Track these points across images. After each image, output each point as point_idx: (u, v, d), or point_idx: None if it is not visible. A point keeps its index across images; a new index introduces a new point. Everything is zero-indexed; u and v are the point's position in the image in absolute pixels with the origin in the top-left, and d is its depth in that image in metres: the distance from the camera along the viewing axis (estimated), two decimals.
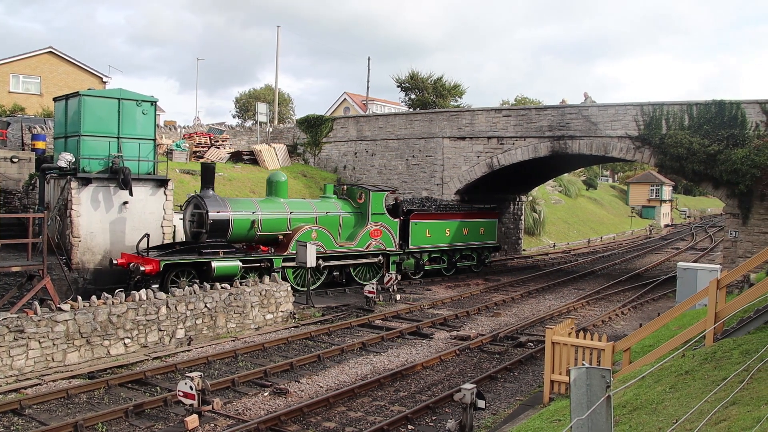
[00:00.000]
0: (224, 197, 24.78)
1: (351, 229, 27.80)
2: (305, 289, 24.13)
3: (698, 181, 30.27)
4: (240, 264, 22.95)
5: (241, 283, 20.09)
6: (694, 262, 37.30)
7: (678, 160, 29.10)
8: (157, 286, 18.80)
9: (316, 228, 25.84)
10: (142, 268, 20.83)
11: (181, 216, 24.58)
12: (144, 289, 17.57)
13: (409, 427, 12.19)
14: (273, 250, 25.18)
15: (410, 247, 29.61)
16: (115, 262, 21.94)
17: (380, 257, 28.30)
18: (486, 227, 33.58)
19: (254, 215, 24.35)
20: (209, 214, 22.95)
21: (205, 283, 19.43)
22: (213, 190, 24.04)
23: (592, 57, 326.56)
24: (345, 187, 29.54)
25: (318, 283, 26.25)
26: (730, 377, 8.44)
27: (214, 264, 22.17)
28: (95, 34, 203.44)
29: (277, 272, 23.77)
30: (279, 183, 26.46)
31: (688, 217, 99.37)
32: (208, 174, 24.19)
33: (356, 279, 27.68)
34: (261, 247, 25.36)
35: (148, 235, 22.15)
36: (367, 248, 27.73)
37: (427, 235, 30.30)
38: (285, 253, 24.79)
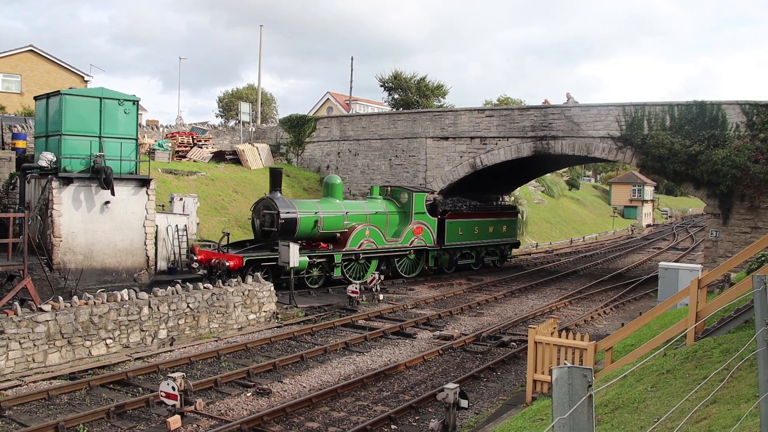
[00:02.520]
0: (290, 199, 27.30)
1: (396, 227, 30.13)
2: (357, 281, 25.58)
3: (679, 182, 30.49)
4: (307, 259, 25.21)
5: (223, 283, 20.04)
6: (676, 261, 37.58)
7: (659, 160, 29.30)
8: (236, 279, 20.75)
9: (368, 226, 28.23)
10: (227, 264, 22.79)
11: (250, 217, 26.82)
12: (126, 290, 17.49)
13: (393, 426, 12.19)
14: (332, 247, 27.28)
15: (446, 244, 31.88)
16: (195, 258, 24.19)
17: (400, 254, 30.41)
18: (507, 225, 36.05)
19: (316, 214, 26.57)
20: (281, 214, 25.08)
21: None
22: (281, 192, 26.35)
23: (574, 58, 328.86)
24: (389, 188, 31.92)
25: (368, 276, 27.83)
26: (711, 376, 8.50)
27: None
28: (78, 33, 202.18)
29: (337, 267, 26.80)
30: (335, 185, 28.66)
31: (670, 217, 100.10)
32: (276, 177, 26.47)
33: (400, 272, 30.00)
34: (321, 244, 27.28)
35: (228, 234, 24.51)
36: (410, 245, 30.08)
37: (459, 233, 32.73)
38: (344, 249, 27.20)
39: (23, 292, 18.48)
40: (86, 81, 44.26)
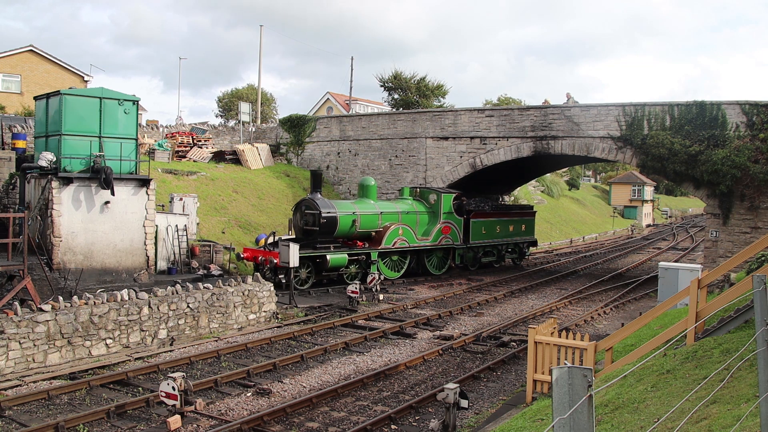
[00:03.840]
0: (329, 199, 28.81)
1: (425, 227, 31.46)
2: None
3: (679, 182, 30.48)
4: (347, 256, 26.88)
5: (223, 283, 20.05)
6: (676, 261, 37.58)
7: (659, 160, 29.30)
8: (282, 276, 23.62)
9: (401, 226, 29.59)
10: (274, 261, 24.25)
11: (290, 216, 28.22)
12: (126, 290, 17.49)
13: (393, 426, 12.19)
14: (367, 245, 28.61)
15: (470, 242, 33.40)
16: (242, 256, 25.73)
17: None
18: (526, 224, 37.42)
19: (354, 214, 27.95)
20: (322, 213, 26.51)
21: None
22: (321, 193, 27.83)
23: (574, 58, 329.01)
24: (418, 189, 33.23)
25: (401, 272, 30.20)
26: (711, 376, 8.50)
27: (328, 257, 26.04)
28: (78, 33, 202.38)
29: (374, 264, 28.19)
30: (369, 186, 30.25)
31: (670, 217, 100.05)
32: (316, 179, 28.19)
33: (429, 269, 31.58)
34: (357, 242, 28.58)
35: (275, 233, 26.48)
36: (439, 243, 31.55)
37: (483, 232, 34.24)
38: (380, 247, 28.62)
39: (23, 292, 18.47)
40: (86, 81, 44.20)
